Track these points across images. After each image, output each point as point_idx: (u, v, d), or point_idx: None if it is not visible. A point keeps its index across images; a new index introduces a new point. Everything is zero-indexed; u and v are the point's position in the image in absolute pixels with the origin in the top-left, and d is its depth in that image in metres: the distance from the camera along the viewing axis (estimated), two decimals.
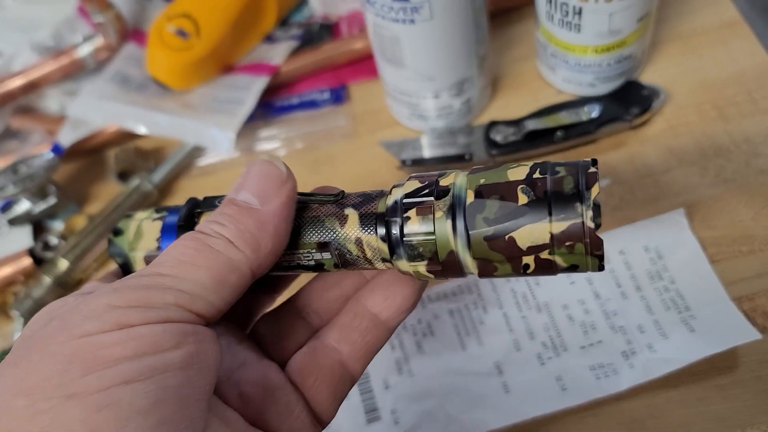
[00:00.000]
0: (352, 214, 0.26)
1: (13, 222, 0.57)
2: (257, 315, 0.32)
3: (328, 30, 0.63)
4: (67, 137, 0.60)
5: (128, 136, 0.61)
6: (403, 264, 0.26)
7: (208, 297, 0.23)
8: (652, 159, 0.49)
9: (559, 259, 0.23)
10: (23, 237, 0.57)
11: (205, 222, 0.25)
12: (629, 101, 0.50)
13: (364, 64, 0.61)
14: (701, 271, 0.42)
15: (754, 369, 0.39)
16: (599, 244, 0.23)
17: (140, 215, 0.31)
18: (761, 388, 0.38)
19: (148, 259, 0.30)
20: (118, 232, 0.31)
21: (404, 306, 0.29)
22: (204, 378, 0.22)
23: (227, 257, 0.24)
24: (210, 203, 0.29)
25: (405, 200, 0.25)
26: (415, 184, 0.26)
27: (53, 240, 0.56)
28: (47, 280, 0.52)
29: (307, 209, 0.27)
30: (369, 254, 0.26)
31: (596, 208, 0.23)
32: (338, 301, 0.31)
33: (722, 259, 0.43)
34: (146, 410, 0.20)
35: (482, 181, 0.24)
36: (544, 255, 0.23)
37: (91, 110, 0.60)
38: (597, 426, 0.39)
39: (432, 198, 0.25)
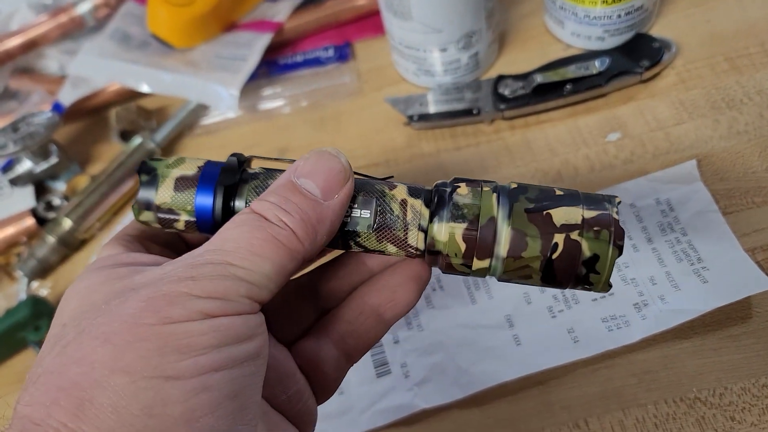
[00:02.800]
0: (401, 185, 0.28)
1: (15, 182, 0.56)
2: None
3: None
4: (67, 96, 0.59)
5: (130, 96, 0.60)
6: (441, 228, 0.27)
7: (270, 286, 0.24)
8: (663, 112, 0.48)
9: (584, 245, 0.26)
10: (25, 197, 0.56)
11: (270, 206, 0.25)
12: (639, 54, 0.49)
13: (368, 21, 0.60)
14: (713, 222, 0.42)
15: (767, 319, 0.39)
16: (622, 234, 0.26)
17: (170, 172, 0.29)
18: None
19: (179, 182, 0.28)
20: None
21: (406, 309, 0.31)
22: (265, 366, 0.24)
23: (290, 249, 0.25)
24: (260, 185, 0.28)
25: (456, 177, 0.28)
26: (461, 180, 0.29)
27: (56, 200, 0.55)
28: (51, 239, 0.52)
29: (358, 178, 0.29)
30: (409, 217, 0.28)
31: (621, 232, 0.26)
32: (346, 291, 0.32)
33: (735, 210, 0.43)
34: (232, 396, 0.22)
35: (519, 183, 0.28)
36: (574, 236, 0.26)
37: (92, 68, 0.59)
38: (610, 377, 0.39)
39: (480, 180, 0.28)
